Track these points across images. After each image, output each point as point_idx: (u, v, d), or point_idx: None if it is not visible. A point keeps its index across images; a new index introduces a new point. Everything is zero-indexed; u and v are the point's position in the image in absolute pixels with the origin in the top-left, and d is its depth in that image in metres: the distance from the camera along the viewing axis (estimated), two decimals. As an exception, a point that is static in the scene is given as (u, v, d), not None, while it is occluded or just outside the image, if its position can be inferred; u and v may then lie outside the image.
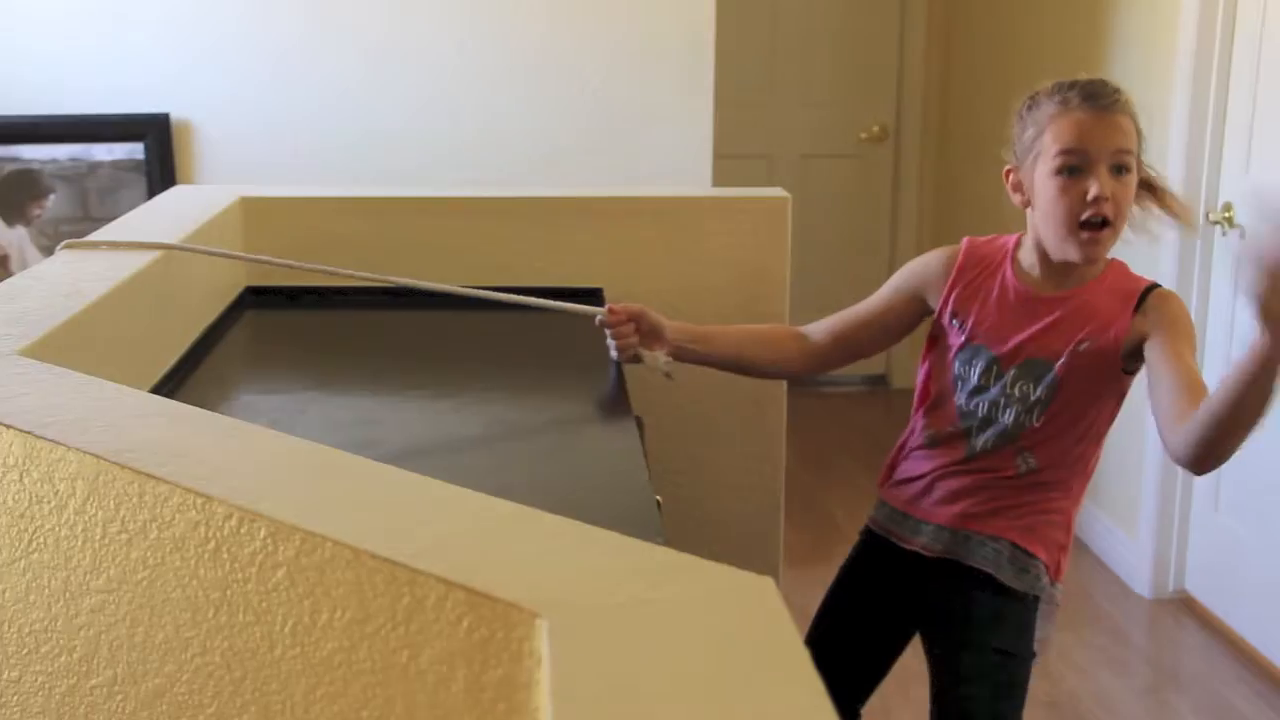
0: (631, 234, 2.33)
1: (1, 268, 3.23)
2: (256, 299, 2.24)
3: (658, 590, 0.73)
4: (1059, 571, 1.83)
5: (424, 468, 0.90)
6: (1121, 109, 1.70)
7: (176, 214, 2.08)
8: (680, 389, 2.30)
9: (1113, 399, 1.78)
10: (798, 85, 5.01)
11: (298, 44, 3.27)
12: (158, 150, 3.25)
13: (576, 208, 2.36)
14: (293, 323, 2.22)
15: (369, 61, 3.29)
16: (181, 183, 3.23)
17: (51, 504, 0.96)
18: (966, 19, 4.76)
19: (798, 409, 2.71)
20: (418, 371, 1.96)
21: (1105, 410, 1.79)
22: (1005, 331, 1.78)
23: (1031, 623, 1.80)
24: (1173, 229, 1.96)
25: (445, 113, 3.32)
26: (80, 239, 1.84)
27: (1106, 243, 1.71)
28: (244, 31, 3.25)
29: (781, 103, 5.02)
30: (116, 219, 2.09)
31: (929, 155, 5.05)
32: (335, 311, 2.24)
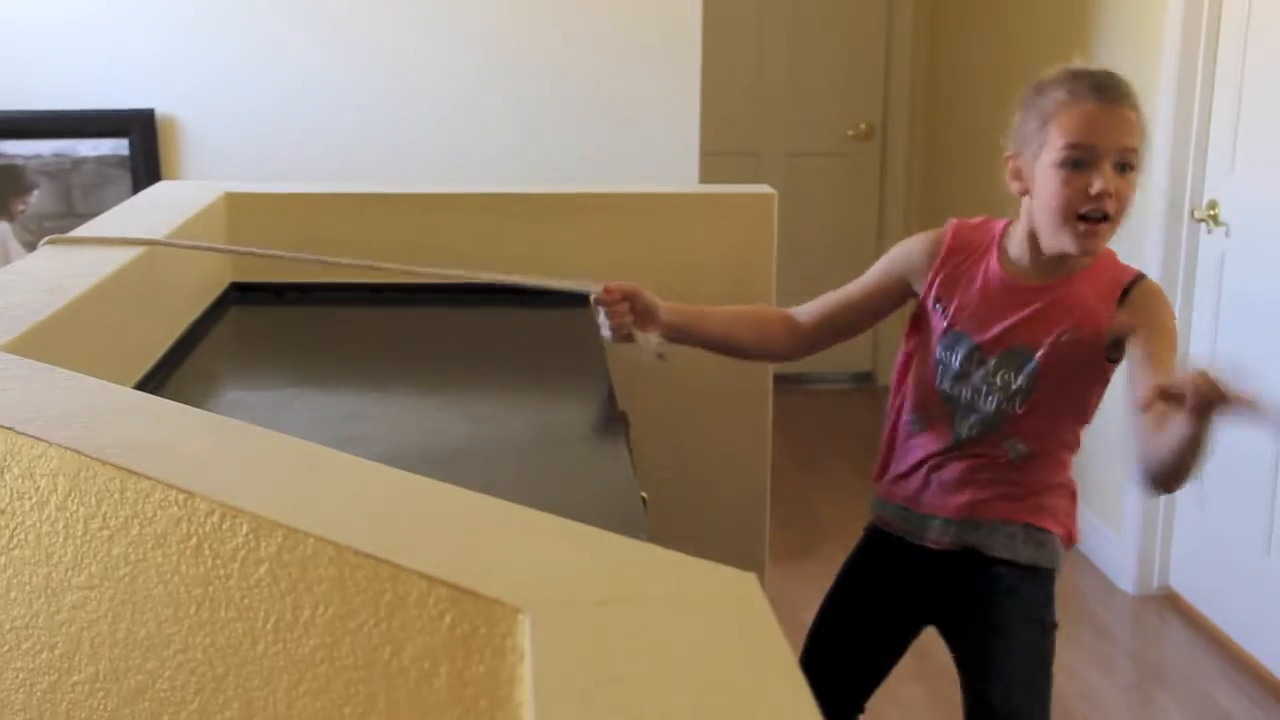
0: (617, 231, 2.33)
1: (-15, 263, 3.21)
2: (241, 295, 2.23)
3: (642, 586, 0.73)
4: (1071, 539, 1.83)
5: (408, 464, 0.89)
6: (1130, 103, 1.67)
7: (161, 210, 2.07)
8: (666, 385, 2.30)
9: (1098, 384, 1.78)
10: (785, 83, 5.02)
11: (283, 40, 3.26)
12: (142, 146, 3.24)
13: (563, 204, 2.36)
14: (278, 319, 2.21)
15: (354, 59, 3.28)
16: (166, 178, 3.22)
17: (33, 500, 0.96)
18: (953, 18, 4.77)
19: (784, 406, 2.71)
20: (403, 368, 1.96)
21: (1091, 396, 1.79)
22: (987, 319, 1.77)
23: (1051, 594, 1.80)
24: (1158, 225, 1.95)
25: (430, 109, 3.31)
26: (64, 235, 1.83)
27: (1104, 237, 1.69)
28: (229, 27, 3.24)
29: (768, 100, 5.02)
30: (100, 214, 2.08)
31: (916, 153, 5.05)
32: (321, 308, 2.24)
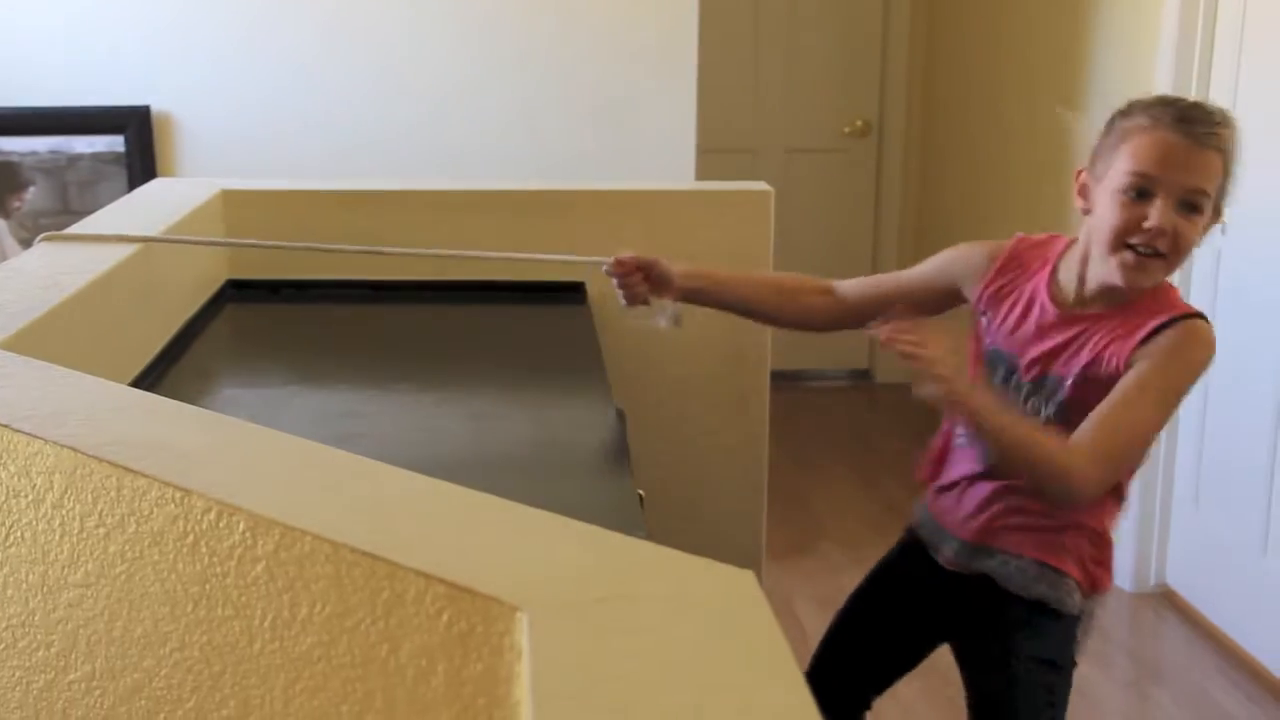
0: (614, 228, 2.32)
1: (-20, 260, 3.21)
2: (238, 292, 2.23)
3: (639, 584, 0.73)
4: (1095, 585, 1.73)
5: (405, 461, 0.89)
6: (1215, 144, 1.55)
7: (157, 206, 2.07)
8: (664, 382, 2.30)
9: None
10: (781, 79, 5.01)
11: (279, 37, 3.26)
12: (138, 143, 3.23)
13: (558, 201, 2.36)
14: (275, 316, 2.21)
15: (350, 56, 3.28)
16: (162, 175, 3.21)
17: (29, 498, 0.96)
18: (950, 14, 4.77)
19: (781, 403, 2.71)
20: (400, 365, 1.95)
21: None
22: (1025, 343, 1.70)
23: (1071, 637, 1.73)
24: None
25: (426, 106, 3.31)
26: (59, 232, 1.83)
27: (1152, 273, 1.59)
28: (225, 24, 3.24)
29: (765, 97, 5.02)
30: (96, 211, 2.08)
31: (912, 150, 5.05)
32: (317, 305, 2.24)
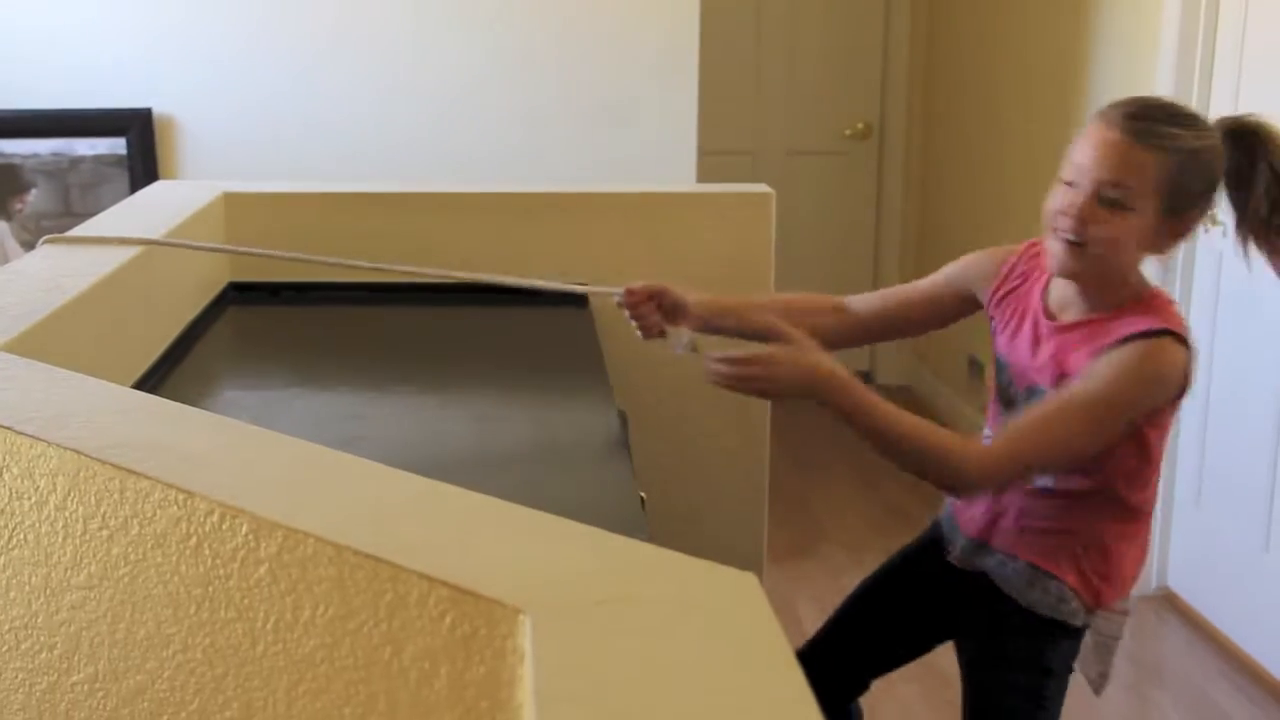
0: (615, 230, 2.33)
1: (-18, 263, 3.21)
2: (240, 295, 2.23)
3: (641, 586, 0.73)
4: (1098, 598, 1.67)
5: (408, 463, 0.89)
6: (1155, 142, 1.50)
7: (159, 209, 2.07)
8: (665, 384, 2.30)
9: (1118, 443, 1.59)
10: (782, 81, 5.02)
11: (281, 39, 3.26)
12: (140, 145, 3.23)
13: (560, 203, 2.36)
14: (276, 318, 2.21)
15: (352, 59, 3.28)
16: (164, 178, 3.22)
17: (32, 500, 0.96)
18: (951, 16, 4.77)
19: (782, 405, 2.71)
20: (402, 367, 1.96)
21: (1114, 451, 1.60)
22: (1018, 351, 1.69)
23: (1071, 649, 1.70)
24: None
25: (428, 109, 3.31)
26: (62, 234, 1.83)
27: (1074, 262, 1.55)
28: (227, 26, 3.24)
29: (766, 99, 5.02)
30: (98, 214, 2.08)
31: (913, 152, 5.05)
32: (319, 307, 2.24)
